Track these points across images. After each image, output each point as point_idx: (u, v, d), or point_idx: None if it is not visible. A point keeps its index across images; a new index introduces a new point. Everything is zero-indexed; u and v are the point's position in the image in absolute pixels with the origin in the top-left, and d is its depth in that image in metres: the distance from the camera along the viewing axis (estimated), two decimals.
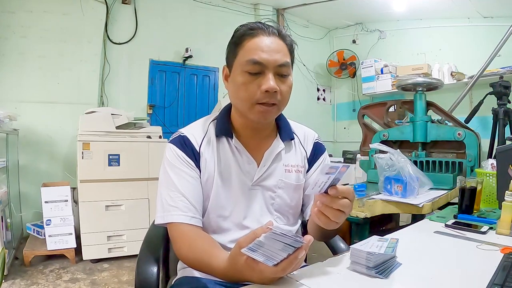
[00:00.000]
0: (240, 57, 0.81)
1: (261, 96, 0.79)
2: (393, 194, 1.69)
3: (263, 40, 0.79)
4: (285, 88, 0.82)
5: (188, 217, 0.81)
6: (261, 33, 0.80)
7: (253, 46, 0.79)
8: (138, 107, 3.43)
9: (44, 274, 2.26)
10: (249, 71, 0.79)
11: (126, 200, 2.59)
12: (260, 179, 0.88)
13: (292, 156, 0.94)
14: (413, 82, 2.23)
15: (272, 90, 0.78)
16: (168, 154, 0.86)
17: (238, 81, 0.81)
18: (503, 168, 1.19)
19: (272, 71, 0.79)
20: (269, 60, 0.78)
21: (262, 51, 0.78)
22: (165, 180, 0.85)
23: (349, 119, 4.73)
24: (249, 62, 0.79)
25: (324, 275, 0.72)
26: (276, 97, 0.80)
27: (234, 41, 0.83)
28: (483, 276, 0.68)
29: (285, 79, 0.82)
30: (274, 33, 0.81)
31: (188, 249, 0.78)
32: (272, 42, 0.80)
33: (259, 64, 0.78)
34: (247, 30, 0.81)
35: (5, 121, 2.41)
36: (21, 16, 2.94)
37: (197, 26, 3.82)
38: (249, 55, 0.79)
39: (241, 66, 0.80)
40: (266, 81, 0.78)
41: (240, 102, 0.84)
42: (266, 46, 0.79)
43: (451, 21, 3.74)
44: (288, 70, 0.81)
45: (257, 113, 0.82)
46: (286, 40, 0.83)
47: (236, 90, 0.82)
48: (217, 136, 0.88)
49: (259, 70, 0.79)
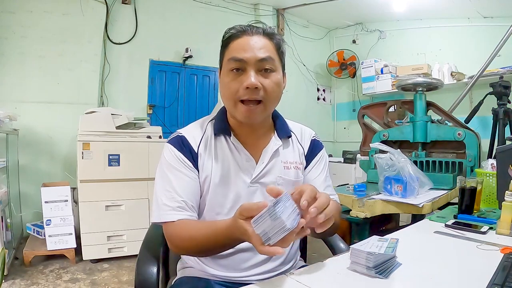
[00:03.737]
0: (225, 57, 0.83)
1: (243, 93, 0.80)
2: (393, 194, 1.69)
3: (245, 39, 0.81)
4: (269, 84, 0.81)
5: (185, 216, 0.81)
6: (245, 34, 0.82)
7: (236, 46, 0.81)
8: (138, 107, 3.43)
9: (44, 274, 2.26)
10: (231, 69, 0.81)
11: (126, 200, 2.58)
12: (259, 176, 0.89)
13: (290, 153, 0.94)
14: (413, 82, 2.23)
15: (252, 86, 0.79)
16: (166, 155, 0.87)
17: (224, 81, 0.84)
18: (503, 168, 1.19)
19: (254, 67, 0.80)
20: (249, 57, 0.79)
21: (243, 50, 0.80)
22: (162, 179, 0.85)
23: (349, 119, 4.73)
24: (230, 61, 0.81)
25: (324, 275, 0.72)
26: (259, 93, 0.80)
27: (222, 44, 0.86)
28: (483, 276, 0.68)
29: (269, 74, 0.82)
30: (259, 32, 0.83)
31: (190, 238, 0.78)
32: (255, 41, 0.81)
33: (239, 61, 0.80)
34: (233, 32, 0.83)
35: (5, 121, 2.40)
36: (21, 16, 2.94)
37: (197, 26, 3.82)
38: (231, 54, 0.81)
39: (225, 66, 0.83)
40: (247, 78, 0.79)
41: (225, 101, 0.86)
42: (248, 44, 0.81)
43: (451, 21, 3.74)
44: (271, 64, 0.81)
45: (240, 113, 0.82)
46: (272, 39, 0.84)
47: (222, 89, 0.85)
48: (215, 135, 0.89)
49: (240, 66, 0.80)
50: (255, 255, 0.88)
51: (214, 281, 0.88)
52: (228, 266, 0.88)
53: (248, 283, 0.76)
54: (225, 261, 0.88)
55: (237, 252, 0.87)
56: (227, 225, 0.69)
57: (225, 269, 0.88)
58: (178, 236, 0.80)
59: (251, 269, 0.89)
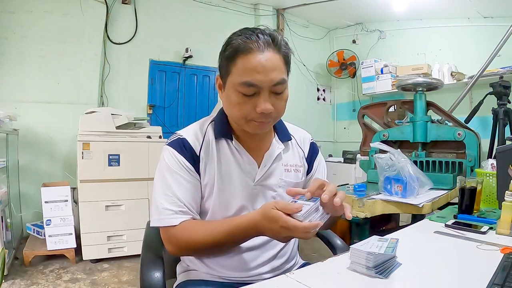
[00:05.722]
0: (234, 76, 0.77)
1: (256, 116, 0.78)
2: (393, 194, 1.69)
3: (256, 58, 0.75)
4: (281, 104, 0.81)
5: (188, 219, 0.81)
6: (254, 49, 0.75)
7: (247, 66, 0.75)
8: (138, 107, 3.42)
9: (44, 274, 2.26)
10: (243, 93, 0.77)
11: (126, 200, 2.59)
12: (261, 179, 0.89)
13: (290, 156, 0.95)
14: (413, 82, 2.23)
15: (268, 112, 0.77)
16: (166, 158, 0.84)
17: (232, 100, 0.79)
18: (503, 168, 1.19)
19: (267, 91, 0.77)
20: (264, 81, 0.75)
21: (256, 72, 0.74)
22: (162, 183, 0.83)
23: (349, 119, 4.73)
24: (243, 84, 0.76)
25: (324, 275, 0.72)
26: (271, 115, 0.79)
27: (227, 55, 0.78)
28: (483, 276, 0.68)
29: (281, 95, 0.80)
30: (269, 44, 0.76)
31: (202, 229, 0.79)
32: (267, 59, 0.75)
33: (253, 86, 0.75)
34: (239, 44, 0.76)
35: (5, 121, 2.40)
36: (21, 16, 2.94)
37: (197, 26, 3.82)
38: (242, 77, 0.75)
39: (235, 86, 0.77)
40: (260, 103, 0.76)
41: (234, 118, 0.83)
42: (261, 66, 0.74)
43: (451, 21, 3.73)
44: (283, 86, 0.79)
45: (252, 127, 0.81)
46: (281, 51, 0.79)
47: (230, 107, 0.81)
48: (216, 138, 0.88)
49: (254, 92, 0.76)
50: (262, 253, 0.89)
51: (222, 283, 0.88)
52: (235, 266, 0.88)
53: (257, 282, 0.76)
54: (232, 261, 0.87)
55: (245, 251, 0.87)
56: (250, 218, 0.74)
57: (232, 270, 0.88)
58: (182, 237, 0.79)
59: (259, 267, 0.89)
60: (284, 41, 0.80)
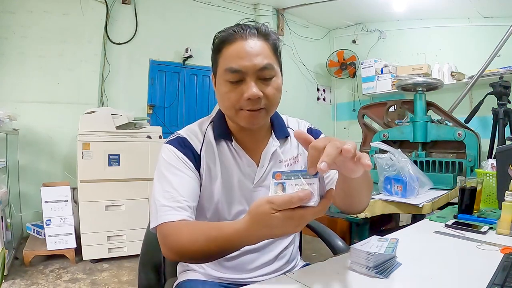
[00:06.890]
0: (220, 66, 0.78)
1: (245, 104, 0.76)
2: (393, 194, 1.68)
3: (240, 45, 0.75)
4: (271, 91, 0.78)
5: (185, 217, 0.75)
6: (238, 38, 0.75)
7: (231, 54, 0.75)
8: (138, 107, 3.42)
9: (44, 274, 2.26)
10: (229, 80, 0.76)
11: (126, 200, 2.59)
12: (261, 180, 0.88)
13: (288, 151, 0.93)
14: (413, 82, 2.23)
15: (255, 97, 0.75)
16: (165, 155, 0.81)
17: (221, 91, 0.79)
18: (503, 168, 1.19)
19: (253, 76, 0.75)
20: (248, 66, 0.74)
21: (240, 58, 0.74)
22: (160, 182, 0.79)
23: (349, 119, 4.73)
24: (227, 71, 0.75)
25: (324, 275, 0.72)
26: (261, 102, 0.77)
27: (214, 49, 0.80)
28: (483, 276, 0.68)
29: (270, 82, 0.78)
30: (253, 34, 0.76)
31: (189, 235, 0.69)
32: (252, 46, 0.75)
33: (238, 72, 0.75)
34: (224, 36, 0.77)
35: (5, 121, 2.41)
36: (21, 16, 2.94)
37: (197, 26, 3.82)
38: (227, 64, 0.75)
39: (222, 75, 0.77)
40: (247, 89, 0.75)
41: (225, 110, 0.82)
42: (244, 52, 0.74)
43: (451, 21, 3.74)
44: (271, 72, 0.77)
45: (243, 119, 0.79)
46: (268, 39, 0.78)
47: (221, 99, 0.81)
48: (216, 140, 0.86)
49: (239, 78, 0.75)
50: (262, 256, 0.88)
51: (219, 283, 0.88)
52: (234, 268, 0.87)
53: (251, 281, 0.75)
54: (231, 263, 0.87)
55: (244, 254, 0.86)
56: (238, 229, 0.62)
57: (231, 271, 0.87)
58: (177, 237, 0.70)
59: (257, 269, 0.88)
60: (272, 31, 0.80)
